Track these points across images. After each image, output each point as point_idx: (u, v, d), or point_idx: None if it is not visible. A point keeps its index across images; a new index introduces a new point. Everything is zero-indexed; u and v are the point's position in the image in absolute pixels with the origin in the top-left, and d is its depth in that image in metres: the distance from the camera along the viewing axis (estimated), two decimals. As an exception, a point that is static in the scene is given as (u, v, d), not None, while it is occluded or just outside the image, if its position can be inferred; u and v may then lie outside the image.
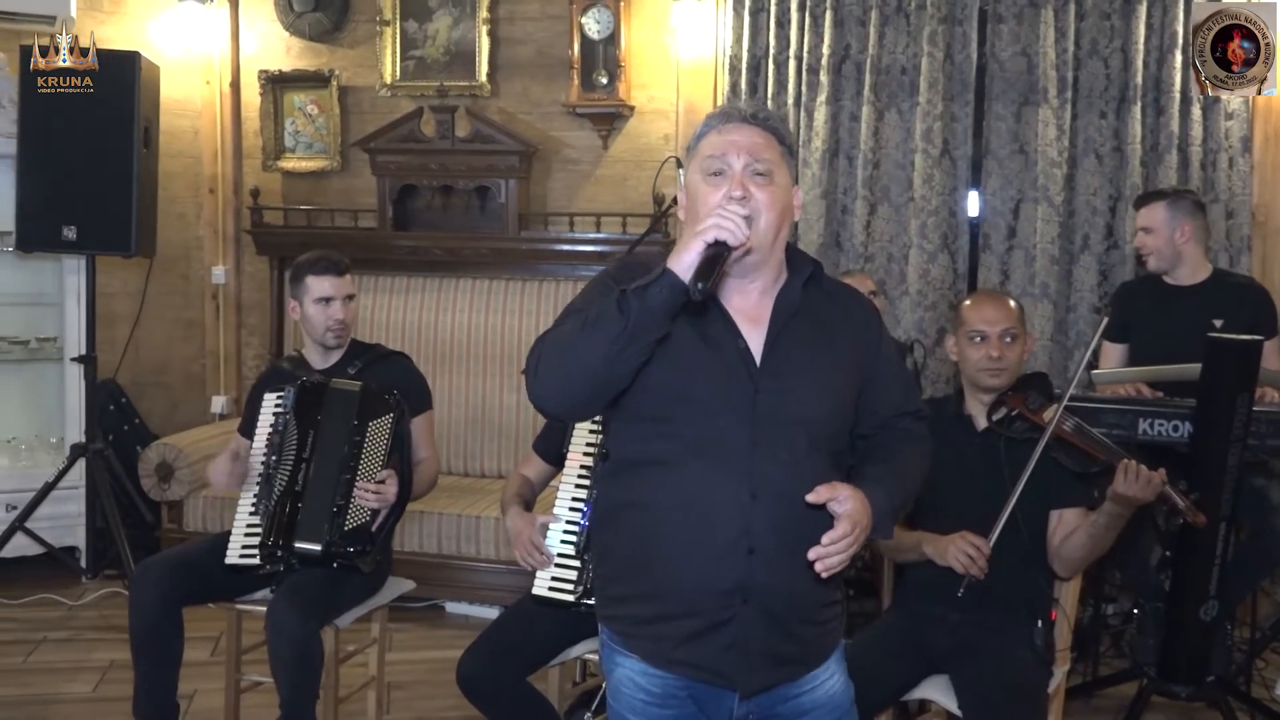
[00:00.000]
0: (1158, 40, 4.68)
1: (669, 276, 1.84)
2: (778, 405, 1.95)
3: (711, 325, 1.99)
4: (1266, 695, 3.88)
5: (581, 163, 5.38)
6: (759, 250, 1.97)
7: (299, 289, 3.47)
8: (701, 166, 2.01)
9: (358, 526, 3.25)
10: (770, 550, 1.92)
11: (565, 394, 1.96)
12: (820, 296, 2.07)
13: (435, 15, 5.42)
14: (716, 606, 1.94)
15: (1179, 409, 3.34)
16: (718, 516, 1.92)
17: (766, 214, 1.96)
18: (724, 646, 1.95)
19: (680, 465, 1.94)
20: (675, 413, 1.95)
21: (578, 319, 1.91)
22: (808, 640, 2.03)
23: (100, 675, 4.06)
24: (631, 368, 1.89)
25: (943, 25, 4.80)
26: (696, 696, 2.01)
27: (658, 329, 1.87)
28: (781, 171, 2.01)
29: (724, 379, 1.96)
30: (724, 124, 2.02)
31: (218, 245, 5.80)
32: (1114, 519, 2.82)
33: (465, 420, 5.26)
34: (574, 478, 3.08)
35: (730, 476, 1.92)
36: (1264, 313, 3.86)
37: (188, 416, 5.73)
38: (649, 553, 1.98)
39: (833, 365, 2.03)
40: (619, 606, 2.06)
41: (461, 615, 4.76)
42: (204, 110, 5.71)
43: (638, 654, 2.03)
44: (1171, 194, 3.96)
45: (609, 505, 2.08)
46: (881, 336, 2.16)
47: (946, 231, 4.89)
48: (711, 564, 1.93)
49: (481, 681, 2.90)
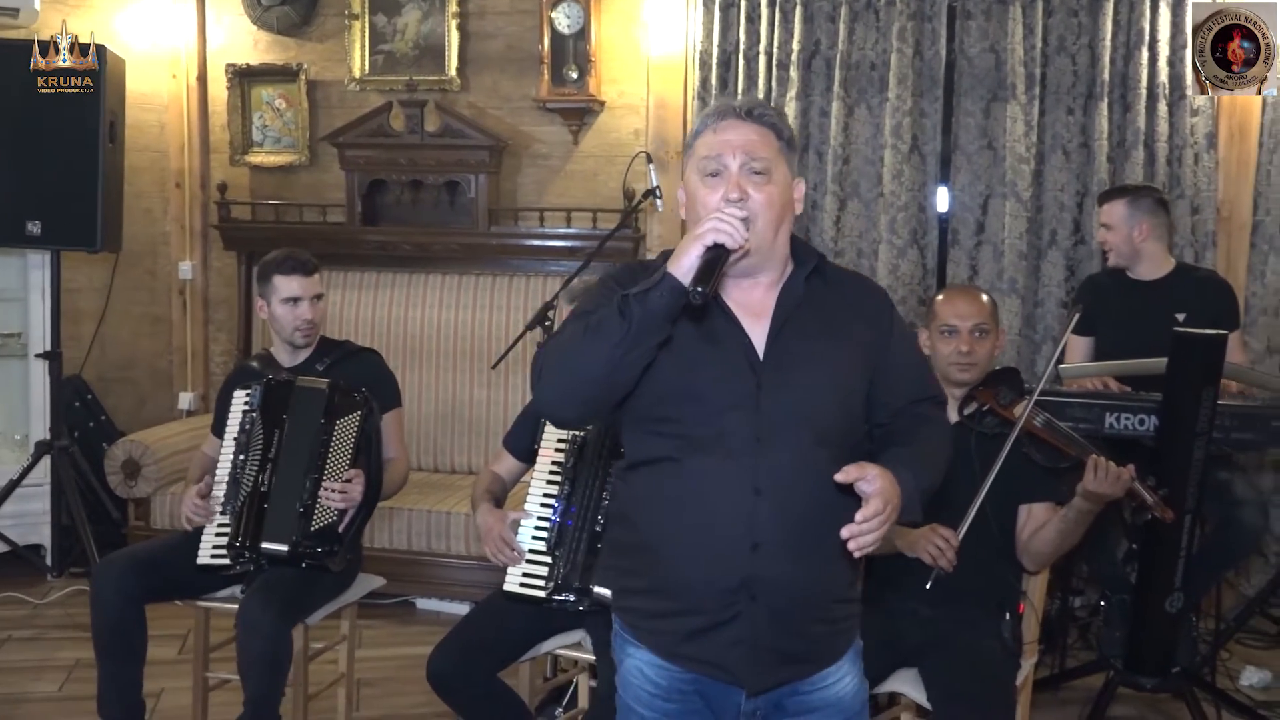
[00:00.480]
0: (1125, 37, 4.71)
1: (669, 280, 1.83)
2: (781, 400, 1.94)
3: (714, 322, 1.98)
4: (1231, 686, 3.93)
5: (552, 158, 5.36)
6: (759, 250, 1.96)
7: (266, 288, 3.44)
8: (698, 167, 2.00)
9: (325, 527, 3.23)
10: (776, 546, 1.91)
11: (570, 400, 1.97)
12: (825, 288, 2.05)
13: (404, 9, 5.39)
14: (722, 603, 1.93)
15: (1145, 403, 3.37)
16: (722, 513, 1.92)
17: (765, 213, 1.95)
18: (731, 643, 1.94)
19: (685, 462, 1.94)
20: (680, 411, 1.94)
21: (579, 324, 1.91)
22: (817, 638, 2.01)
23: (66, 674, 4.02)
24: (635, 372, 1.89)
25: (912, 21, 4.82)
26: (704, 692, 2.00)
27: (659, 333, 1.86)
28: (780, 168, 1.99)
29: (727, 375, 1.95)
30: (719, 121, 2.00)
31: (185, 240, 5.74)
32: (1083, 514, 2.84)
33: (436, 416, 5.24)
34: (545, 474, 3.07)
35: (735, 472, 1.91)
36: (1226, 306, 3.91)
37: (154, 413, 5.68)
38: (656, 549, 1.98)
39: (838, 357, 2.00)
40: (630, 599, 2.06)
41: (432, 611, 4.75)
42: (170, 104, 5.66)
43: (647, 645, 2.02)
44: (1133, 191, 4.01)
45: (621, 502, 2.09)
46: (893, 323, 2.12)
47: (916, 227, 4.91)
48: (717, 560, 1.92)
49: (452, 678, 2.89)
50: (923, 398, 2.14)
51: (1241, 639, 4.35)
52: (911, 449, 2.03)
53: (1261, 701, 3.83)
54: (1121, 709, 3.75)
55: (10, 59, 4.68)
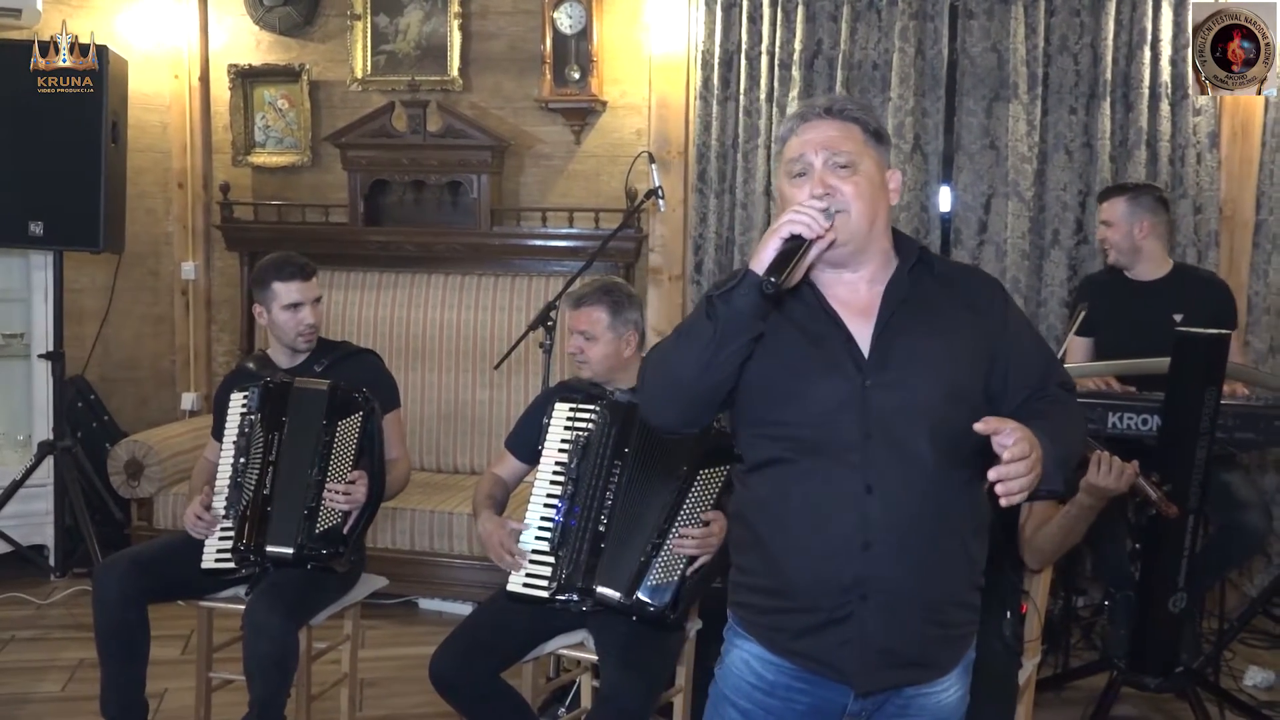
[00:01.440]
0: (1127, 36, 4.71)
1: (750, 277, 1.83)
2: (889, 397, 1.91)
3: (816, 322, 1.97)
4: (1234, 685, 3.92)
5: (554, 158, 5.37)
6: (853, 240, 1.94)
7: (265, 294, 3.42)
8: (786, 170, 2.01)
9: (329, 528, 3.22)
10: (889, 545, 1.89)
11: (670, 405, 1.99)
12: (932, 281, 2.03)
13: (406, 9, 5.39)
14: (834, 602, 1.92)
15: (1148, 403, 3.37)
16: (833, 512, 1.91)
17: (855, 204, 1.94)
18: (841, 642, 1.93)
19: (796, 463, 1.94)
20: (787, 413, 1.94)
21: (675, 332, 1.95)
22: (931, 642, 1.98)
23: (69, 674, 4.03)
24: (729, 371, 1.90)
25: (914, 21, 4.82)
26: (812, 690, 1.99)
27: (748, 330, 1.86)
28: (867, 160, 1.98)
29: (832, 374, 1.93)
30: (801, 124, 2.01)
31: (187, 241, 5.75)
32: (1086, 510, 2.84)
33: (438, 416, 5.24)
34: (549, 474, 3.07)
35: (845, 471, 1.90)
36: (1225, 308, 3.90)
37: (157, 413, 5.69)
38: (770, 548, 1.98)
39: (947, 352, 1.96)
40: (744, 594, 2.06)
41: (435, 612, 4.75)
42: (173, 104, 5.66)
43: (758, 639, 2.03)
44: (1133, 189, 4.00)
45: (739, 503, 2.09)
46: (1008, 311, 2.07)
47: (918, 226, 4.91)
48: (828, 559, 1.92)
49: (454, 678, 2.89)
50: (1049, 384, 2.07)
51: (1245, 639, 4.34)
52: (1046, 421, 1.94)
53: (1265, 702, 3.83)
54: (1125, 709, 3.75)
55: (13, 59, 4.68)
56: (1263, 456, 4.68)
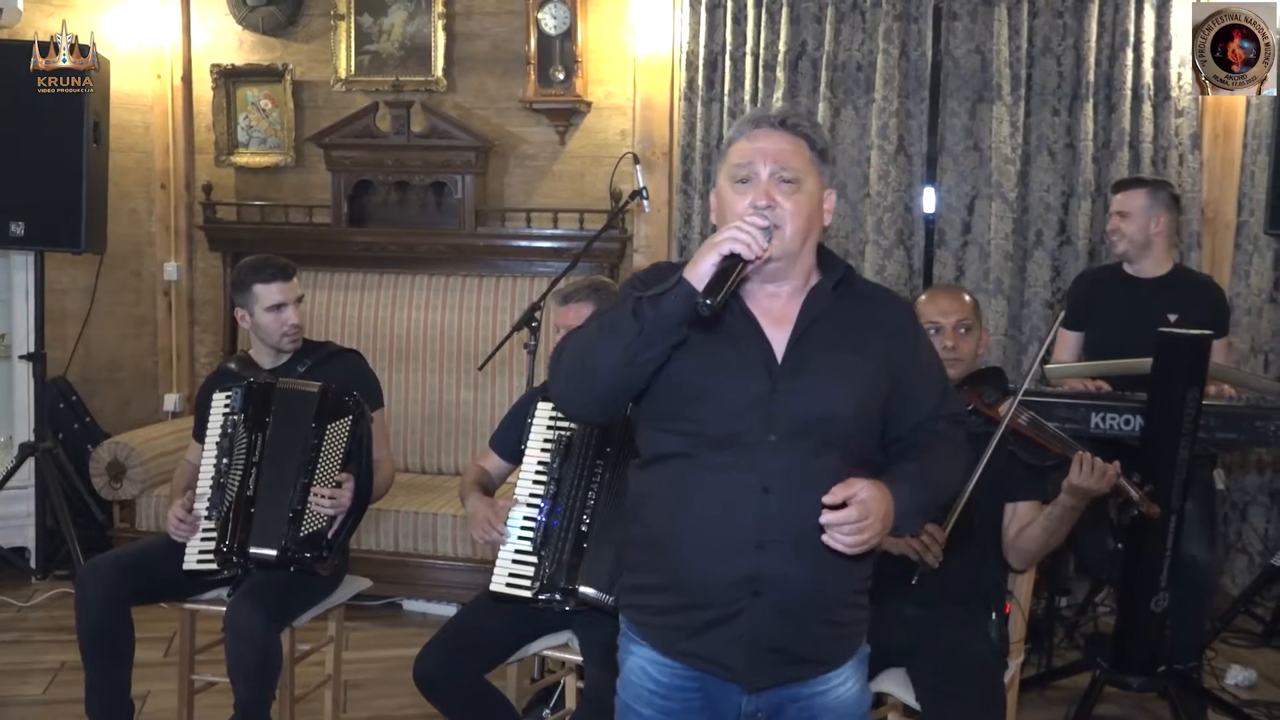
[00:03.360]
0: (1109, 38, 4.74)
1: (684, 285, 1.85)
2: (796, 404, 1.95)
3: (736, 325, 2.00)
4: (1217, 685, 3.94)
5: (539, 158, 5.36)
6: (784, 257, 1.97)
7: (246, 298, 3.39)
8: (730, 173, 2.02)
9: (314, 532, 3.21)
10: (783, 545, 1.93)
11: (583, 395, 1.99)
12: (852, 299, 2.07)
13: (390, 9, 5.38)
14: (725, 599, 1.95)
15: (1131, 403, 3.38)
16: (730, 510, 1.93)
17: (792, 222, 1.96)
18: (732, 639, 1.96)
19: (697, 459, 1.96)
20: (697, 410, 1.96)
21: (597, 322, 1.95)
22: (820, 640, 2.02)
23: (51, 677, 4.00)
24: (647, 372, 1.92)
25: (898, 22, 4.83)
26: (705, 691, 2.01)
27: (672, 335, 1.88)
28: (811, 178, 2.00)
29: (744, 376, 1.96)
30: (753, 129, 2.02)
31: (170, 241, 5.73)
32: (1069, 511, 2.85)
33: (422, 417, 5.23)
34: (531, 473, 3.07)
35: (745, 471, 1.93)
36: (1218, 312, 3.90)
37: (140, 414, 5.66)
38: (664, 544, 2.00)
39: (857, 367, 2.01)
40: (637, 595, 2.08)
41: (419, 613, 4.74)
42: (155, 104, 5.64)
43: (650, 643, 2.04)
44: (1152, 183, 3.96)
45: (634, 497, 2.10)
46: (917, 339, 2.15)
47: (902, 227, 4.92)
48: (722, 556, 1.94)
49: (439, 679, 2.89)
50: (941, 414, 2.14)
51: (1227, 638, 4.37)
52: (916, 464, 2.04)
53: (1246, 700, 3.85)
54: (1108, 708, 3.76)
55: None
56: (1244, 457, 4.71)
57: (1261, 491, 4.75)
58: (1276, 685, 4.03)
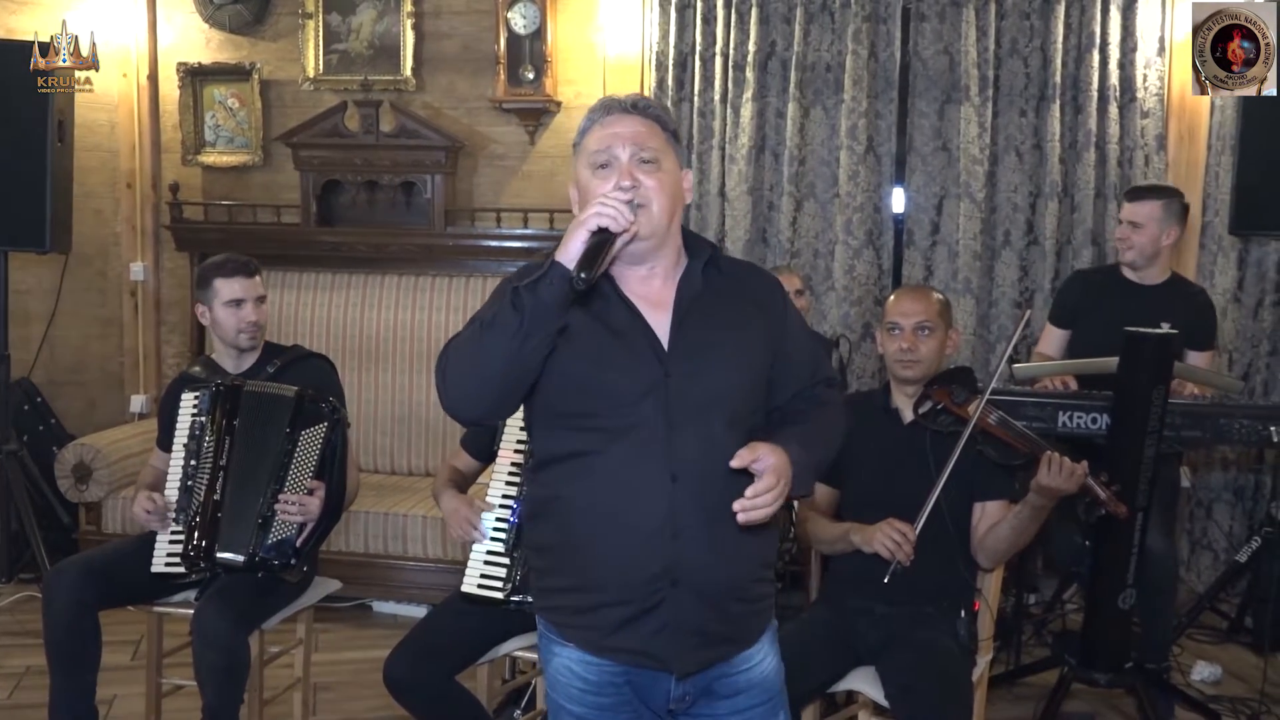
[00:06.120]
0: (1076, 40, 4.77)
1: (557, 268, 1.86)
2: (689, 387, 1.97)
3: (616, 315, 2.01)
4: (1183, 680, 3.98)
5: (508, 158, 5.35)
6: (654, 235, 2.00)
7: (206, 293, 3.36)
8: (589, 161, 2.04)
9: (283, 538, 3.18)
10: (696, 531, 1.94)
11: (474, 397, 1.97)
12: (721, 279, 2.10)
13: (359, 8, 5.36)
14: (646, 591, 1.96)
15: (1097, 402, 3.41)
16: (640, 502, 1.94)
17: (658, 199, 1.99)
18: (656, 630, 1.97)
19: (600, 455, 1.96)
20: (590, 405, 1.97)
21: (476, 323, 1.93)
22: (738, 618, 2.04)
23: (15, 682, 3.96)
24: (535, 363, 1.91)
25: (867, 23, 4.85)
26: (634, 682, 2.02)
27: (553, 321, 1.88)
28: (669, 157, 2.04)
29: (634, 366, 1.97)
30: (605, 116, 2.05)
31: (136, 241, 5.68)
32: (1037, 510, 2.87)
33: (392, 418, 5.21)
34: (504, 474, 3.06)
35: (650, 462, 1.94)
36: (1206, 324, 3.92)
37: (106, 416, 5.61)
38: (577, 544, 2.00)
39: (741, 343, 2.05)
40: (554, 598, 2.07)
41: (389, 614, 4.72)
42: (121, 103, 5.59)
43: (574, 643, 2.04)
44: (1166, 193, 3.93)
45: (536, 500, 2.09)
46: (787, 309, 2.17)
47: (871, 227, 4.94)
48: (638, 550, 1.94)
49: (409, 681, 2.87)
50: (817, 380, 2.20)
51: (1192, 634, 4.41)
52: (803, 427, 2.08)
53: (1212, 695, 3.89)
54: (1076, 704, 3.79)
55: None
56: (1209, 455, 4.76)
57: (1226, 489, 4.80)
58: (1241, 680, 4.07)
